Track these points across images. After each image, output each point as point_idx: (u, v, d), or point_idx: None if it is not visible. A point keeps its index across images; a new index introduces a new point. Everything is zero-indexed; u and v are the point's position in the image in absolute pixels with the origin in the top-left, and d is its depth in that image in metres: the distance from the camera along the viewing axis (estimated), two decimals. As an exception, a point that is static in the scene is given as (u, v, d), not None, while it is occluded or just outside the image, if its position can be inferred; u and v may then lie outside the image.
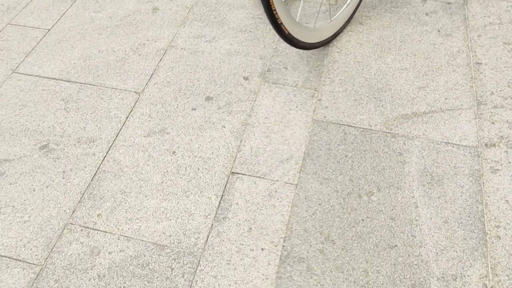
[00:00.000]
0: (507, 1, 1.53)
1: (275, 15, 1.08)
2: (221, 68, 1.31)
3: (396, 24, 1.45)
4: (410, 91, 1.25)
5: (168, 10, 1.53)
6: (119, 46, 1.41)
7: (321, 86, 1.26)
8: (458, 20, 1.47)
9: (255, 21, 1.47)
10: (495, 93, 1.25)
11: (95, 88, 1.28)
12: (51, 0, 1.61)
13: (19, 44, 1.45)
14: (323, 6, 1.52)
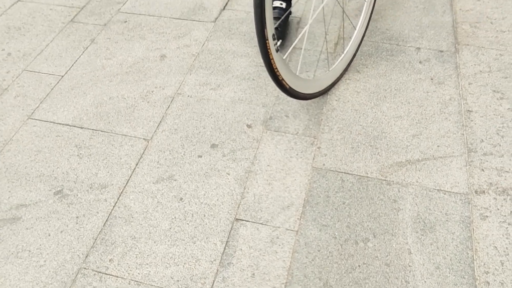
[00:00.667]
0: (496, 50, 1.62)
1: (276, 72, 1.17)
2: (225, 115, 1.39)
3: (392, 72, 1.53)
4: (404, 138, 1.32)
5: (175, 57, 1.62)
6: (128, 93, 1.49)
7: (320, 134, 1.33)
8: (450, 68, 1.55)
9: (258, 69, 1.55)
10: (484, 140, 1.32)
11: (106, 134, 1.36)
12: (65, 47, 1.71)
13: (34, 90, 1.53)
14: (322, 54, 1.61)
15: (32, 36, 1.77)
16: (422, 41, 1.66)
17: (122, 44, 1.70)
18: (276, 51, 1.14)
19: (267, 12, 1.07)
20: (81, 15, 1.87)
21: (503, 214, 1.13)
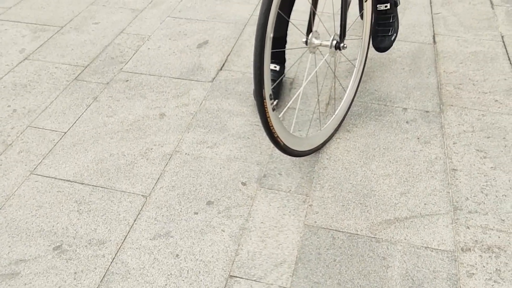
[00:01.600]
0: (478, 110, 1.71)
1: (272, 130, 1.24)
2: (221, 173, 1.45)
3: (380, 132, 1.61)
4: (392, 197, 1.37)
5: (174, 116, 1.70)
6: (128, 150, 1.56)
7: (312, 192, 1.39)
8: (436, 128, 1.63)
9: (253, 128, 1.63)
10: (469, 198, 1.38)
11: (106, 191, 1.41)
12: (68, 104, 1.79)
13: (37, 146, 1.59)
14: (314, 114, 1.69)
15: (37, 93, 1.85)
16: (409, 101, 1.76)
17: (124, 102, 1.78)
18: (273, 110, 1.22)
19: (265, 74, 1.16)
20: (85, 73, 1.96)
21: (489, 272, 1.17)
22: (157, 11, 2.41)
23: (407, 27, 2.23)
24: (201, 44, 2.12)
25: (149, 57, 2.04)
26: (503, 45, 2.10)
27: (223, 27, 2.25)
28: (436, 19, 2.31)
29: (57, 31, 2.28)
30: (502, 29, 2.22)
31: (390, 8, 1.79)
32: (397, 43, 2.10)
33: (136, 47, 2.12)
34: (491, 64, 1.97)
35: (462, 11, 2.37)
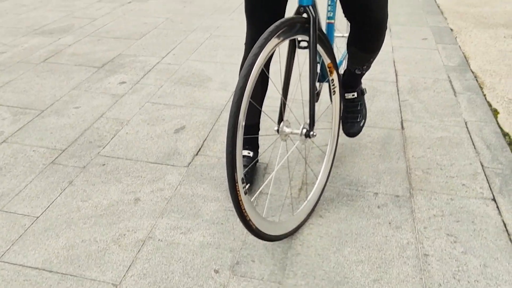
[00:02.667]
0: (447, 195, 1.77)
1: (244, 213, 1.26)
2: (194, 260, 1.44)
3: (352, 217, 1.64)
4: (366, 284, 1.37)
5: (149, 201, 1.71)
6: (101, 236, 1.54)
7: (285, 280, 1.38)
8: (406, 213, 1.67)
9: (227, 213, 1.64)
10: (442, 284, 1.38)
11: (75, 279, 1.37)
12: (43, 188, 1.78)
13: (7, 231, 1.56)
14: (287, 199, 1.72)
15: (12, 177, 1.85)
16: (380, 186, 1.81)
17: (99, 186, 1.79)
18: (245, 194, 1.25)
19: (238, 158, 1.20)
20: (62, 157, 1.98)
21: None
22: (137, 96, 2.50)
23: (376, 114, 2.35)
24: (178, 129, 2.18)
25: (127, 141, 2.09)
26: (467, 131, 2.21)
27: (201, 113, 2.33)
28: (403, 106, 2.44)
29: (38, 114, 2.33)
30: (465, 115, 2.35)
31: (358, 96, 1.89)
32: (367, 129, 2.20)
33: (115, 131, 2.17)
34: (457, 149, 2.06)
35: (427, 99, 2.51)
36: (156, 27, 3.59)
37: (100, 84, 2.65)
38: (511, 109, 2.44)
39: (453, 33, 3.55)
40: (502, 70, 2.92)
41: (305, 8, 1.35)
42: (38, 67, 2.88)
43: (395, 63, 2.97)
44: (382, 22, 1.53)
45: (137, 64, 2.91)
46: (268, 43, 1.24)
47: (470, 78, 2.77)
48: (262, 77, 1.70)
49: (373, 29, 1.54)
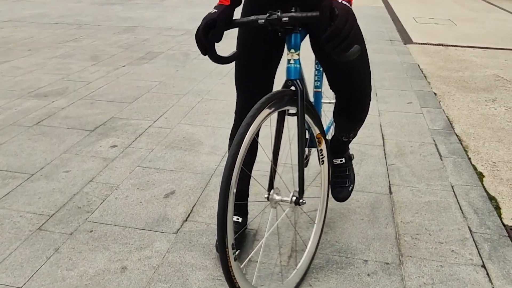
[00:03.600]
0: (436, 261, 1.76)
1: (233, 280, 1.26)
2: (180, 334, 1.40)
3: (342, 286, 1.62)
4: None
5: (136, 269, 1.68)
6: (85, 308, 1.50)
7: None
8: (397, 281, 1.65)
9: (215, 282, 1.61)
10: None
11: None
12: (27, 256, 1.75)
13: (-12, 303, 1.52)
14: (276, 267, 1.70)
15: (-4, 245, 1.81)
16: (369, 253, 1.80)
17: (85, 254, 1.76)
18: (235, 260, 1.25)
19: (229, 224, 1.22)
20: (49, 223, 1.96)
21: None
22: (127, 160, 2.52)
23: (365, 178, 2.38)
24: (168, 194, 2.18)
25: (116, 207, 2.08)
26: (454, 195, 2.24)
27: (190, 177, 2.34)
28: (391, 170, 2.48)
29: (27, 178, 2.32)
30: (451, 179, 2.39)
31: (345, 162, 1.93)
32: (356, 194, 2.22)
33: (104, 196, 2.16)
34: (445, 214, 2.08)
35: (414, 162, 2.56)
36: (149, 91, 3.68)
37: (92, 147, 2.67)
38: (496, 173, 2.48)
39: (437, 97, 3.67)
40: (485, 133, 3.00)
41: (293, 81, 1.41)
42: (31, 130, 2.91)
43: (382, 127, 3.05)
44: (365, 95, 1.60)
45: (129, 128, 2.95)
46: (260, 114, 1.29)
47: (454, 142, 2.84)
48: (252, 144, 1.74)
49: (357, 101, 1.60)
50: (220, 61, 1.39)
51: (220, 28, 1.33)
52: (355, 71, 1.53)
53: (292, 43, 1.40)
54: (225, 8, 1.36)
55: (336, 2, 1.16)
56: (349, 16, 1.13)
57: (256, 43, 1.57)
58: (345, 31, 1.12)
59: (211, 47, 1.35)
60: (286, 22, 1.30)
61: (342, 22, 1.12)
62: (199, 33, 1.32)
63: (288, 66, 1.41)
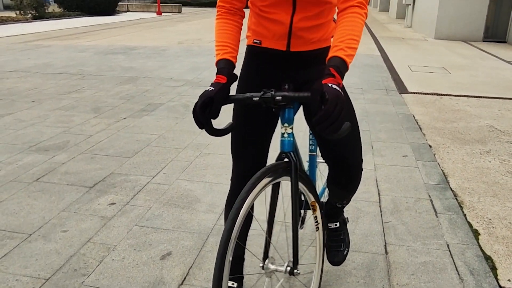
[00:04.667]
0: (432, 328, 1.75)
1: None
2: None
3: None
4: None
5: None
6: None
7: None
8: None
9: None
10: None
11: None
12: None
13: None
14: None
15: (-8, 311, 1.81)
16: (365, 319, 1.79)
17: (80, 321, 1.76)
18: None
19: None
20: (45, 287, 1.96)
21: None
22: (125, 219, 2.54)
23: (360, 237, 2.39)
24: (165, 256, 2.19)
25: (112, 269, 2.08)
26: (450, 255, 2.24)
27: (187, 237, 2.36)
28: (386, 228, 2.49)
29: (25, 238, 2.34)
30: (447, 237, 2.40)
31: (340, 226, 1.95)
32: (351, 254, 2.23)
33: (101, 257, 2.17)
34: (441, 276, 2.08)
35: (409, 220, 2.58)
36: (148, 145, 3.74)
37: (90, 205, 2.70)
38: (491, 230, 2.50)
39: (432, 149, 3.72)
40: (480, 188, 3.03)
41: (287, 154, 1.46)
42: (30, 186, 2.95)
43: (378, 181, 3.08)
44: (357, 166, 1.65)
45: (128, 184, 2.99)
46: (254, 188, 1.35)
47: (450, 197, 2.86)
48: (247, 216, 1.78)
49: (348, 173, 1.65)
50: (216, 134, 1.44)
51: (217, 106, 1.40)
52: (346, 145, 1.59)
53: (286, 117, 1.46)
54: (222, 86, 1.42)
55: (327, 86, 1.22)
56: (338, 100, 1.19)
57: (251, 115, 1.64)
58: (335, 115, 1.18)
59: (208, 123, 1.40)
60: (279, 100, 1.37)
61: (332, 106, 1.18)
62: (196, 111, 1.38)
63: (282, 140, 1.47)
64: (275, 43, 1.58)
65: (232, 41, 1.52)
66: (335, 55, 1.31)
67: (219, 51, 1.49)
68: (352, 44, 1.33)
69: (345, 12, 1.39)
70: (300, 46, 1.57)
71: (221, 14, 1.56)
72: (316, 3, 1.51)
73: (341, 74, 1.28)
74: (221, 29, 1.53)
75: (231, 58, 1.49)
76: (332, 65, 1.28)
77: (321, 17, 1.55)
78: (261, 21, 1.58)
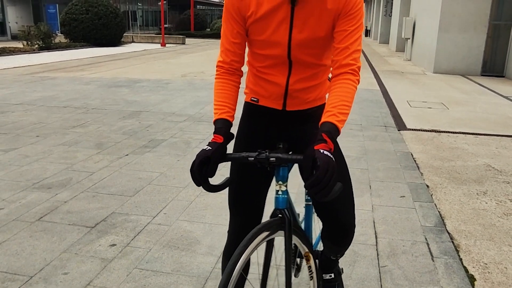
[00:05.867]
0: None
1: None
2: None
3: None
4: None
5: None
6: None
7: None
8: None
9: None
10: None
11: None
12: None
13: None
14: None
15: None
16: None
17: None
18: None
19: None
20: (45, 332, 1.99)
21: None
22: (125, 261, 2.58)
23: (357, 282, 2.42)
24: (163, 301, 2.22)
25: (111, 315, 2.11)
26: (445, 301, 2.27)
27: (186, 281, 2.39)
28: (383, 272, 2.52)
29: (26, 281, 2.38)
30: (443, 283, 2.42)
31: (335, 277, 1.99)
32: (348, 300, 2.26)
33: (100, 302, 2.21)
34: (436, 323, 2.10)
35: (406, 264, 2.61)
36: (150, 183, 3.80)
37: (91, 246, 2.74)
38: (487, 276, 2.52)
39: (429, 189, 3.77)
40: (476, 230, 3.06)
41: (281, 211, 1.52)
42: (33, 226, 3.00)
43: (375, 223, 3.12)
44: (350, 224, 1.71)
45: (129, 224, 3.04)
46: (250, 244, 1.39)
47: (446, 240, 2.90)
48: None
49: (341, 230, 1.70)
50: (213, 190, 1.50)
51: (214, 165, 1.46)
52: (338, 204, 1.65)
53: (280, 175, 1.52)
54: (218, 146, 1.49)
55: (319, 152, 1.29)
56: (329, 167, 1.25)
57: (247, 172, 1.70)
58: (325, 181, 1.24)
59: (205, 181, 1.46)
60: (273, 161, 1.43)
61: (323, 173, 1.24)
62: (194, 169, 1.45)
63: (276, 197, 1.53)
64: (271, 103, 1.67)
65: (230, 100, 1.60)
66: (327, 121, 1.39)
67: (217, 110, 1.57)
68: (344, 110, 1.41)
69: (339, 78, 1.48)
70: (296, 106, 1.66)
71: (220, 74, 1.64)
72: (311, 65, 1.60)
73: (333, 139, 1.35)
74: (220, 89, 1.61)
75: (228, 118, 1.57)
76: (324, 131, 1.36)
77: (316, 78, 1.63)
78: (258, 81, 1.66)
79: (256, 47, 1.61)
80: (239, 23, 1.59)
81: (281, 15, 1.52)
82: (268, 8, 1.52)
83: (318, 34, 1.54)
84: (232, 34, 1.60)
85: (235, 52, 1.62)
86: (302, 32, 1.53)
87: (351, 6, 1.49)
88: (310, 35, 1.54)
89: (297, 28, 1.53)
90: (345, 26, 1.50)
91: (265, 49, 1.59)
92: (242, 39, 1.61)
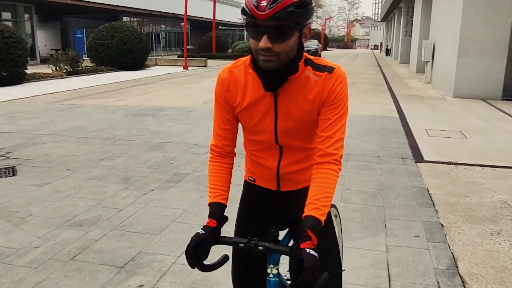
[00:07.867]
0: None
1: None
2: None
3: None
4: None
5: None
6: None
7: None
8: None
9: None
10: None
11: None
12: None
13: None
14: None
15: None
16: None
17: None
18: None
19: None
20: None
21: None
22: (153, 303, 2.77)
23: (370, 327, 2.55)
24: None
25: None
26: None
27: (209, 325, 2.57)
28: (395, 317, 2.65)
29: (62, 322, 2.58)
30: (453, 329, 2.54)
31: None
32: None
33: None
34: None
35: (417, 309, 2.72)
36: (174, 221, 4.01)
37: (121, 287, 2.95)
38: (497, 322, 2.62)
39: (443, 229, 3.88)
40: (488, 274, 3.16)
41: None
42: (67, 265, 3.23)
43: (389, 265, 3.25)
44: None
45: (155, 264, 3.24)
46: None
47: (458, 284, 3.00)
48: None
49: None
50: (208, 270, 1.60)
51: (207, 248, 1.58)
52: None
53: (271, 259, 1.62)
54: (212, 230, 1.61)
55: (305, 252, 1.38)
56: (315, 269, 1.35)
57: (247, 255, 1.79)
58: (311, 282, 1.34)
59: (199, 263, 1.58)
60: (262, 250, 1.52)
61: (309, 276, 1.34)
62: (188, 253, 1.56)
63: (268, 279, 1.62)
64: (266, 183, 1.82)
65: (223, 183, 1.73)
66: (311, 215, 1.48)
67: (211, 193, 1.71)
68: (326, 202, 1.52)
69: (321, 167, 1.57)
70: (290, 186, 1.79)
71: (213, 157, 1.77)
72: (301, 149, 1.71)
73: (316, 234, 1.45)
74: (213, 172, 1.74)
75: (222, 201, 1.70)
76: (308, 226, 1.45)
77: (307, 160, 1.73)
78: (253, 163, 1.82)
79: (247, 133, 1.75)
80: (228, 111, 1.70)
81: (265, 106, 1.63)
82: (252, 99, 1.63)
83: (303, 122, 1.63)
84: (222, 121, 1.72)
85: (226, 137, 1.74)
86: (287, 120, 1.63)
87: (334, 96, 1.57)
88: (295, 123, 1.63)
89: (282, 117, 1.63)
90: (328, 115, 1.58)
91: (254, 135, 1.72)
92: (232, 125, 1.73)
